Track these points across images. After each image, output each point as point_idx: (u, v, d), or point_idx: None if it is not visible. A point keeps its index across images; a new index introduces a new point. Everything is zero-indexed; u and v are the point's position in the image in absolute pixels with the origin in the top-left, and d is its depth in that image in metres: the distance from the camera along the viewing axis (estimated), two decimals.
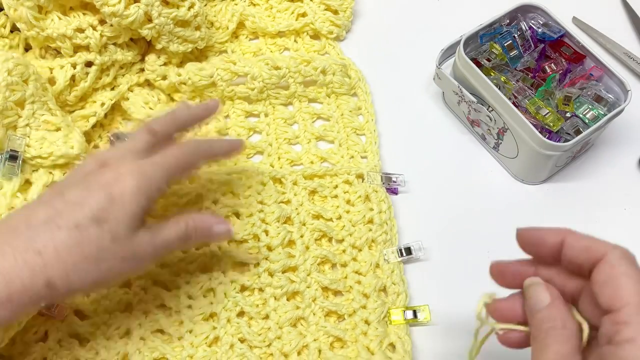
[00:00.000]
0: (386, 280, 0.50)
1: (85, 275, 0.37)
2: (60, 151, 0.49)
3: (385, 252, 0.51)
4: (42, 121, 0.49)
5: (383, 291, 0.50)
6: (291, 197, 0.53)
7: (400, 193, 0.56)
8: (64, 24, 0.53)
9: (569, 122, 0.53)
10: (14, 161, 0.47)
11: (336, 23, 0.63)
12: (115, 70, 0.57)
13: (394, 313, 0.49)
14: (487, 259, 0.53)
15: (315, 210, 0.53)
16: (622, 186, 0.56)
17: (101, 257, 0.37)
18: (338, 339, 0.48)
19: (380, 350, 0.47)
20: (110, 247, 0.37)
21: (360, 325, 0.48)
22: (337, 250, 0.52)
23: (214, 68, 0.57)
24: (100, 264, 0.37)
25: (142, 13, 0.53)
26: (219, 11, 0.62)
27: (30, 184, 0.49)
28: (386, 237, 0.52)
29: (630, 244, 0.53)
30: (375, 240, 0.52)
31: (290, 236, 0.51)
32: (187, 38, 0.57)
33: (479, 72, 0.53)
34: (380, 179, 0.55)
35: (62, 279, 0.36)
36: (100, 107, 0.56)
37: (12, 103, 0.47)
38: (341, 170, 0.55)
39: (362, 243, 0.51)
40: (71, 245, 0.36)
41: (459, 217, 0.55)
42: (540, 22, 0.57)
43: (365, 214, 0.52)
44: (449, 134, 0.59)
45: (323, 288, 0.50)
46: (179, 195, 0.52)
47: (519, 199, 0.56)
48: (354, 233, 0.52)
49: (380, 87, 0.61)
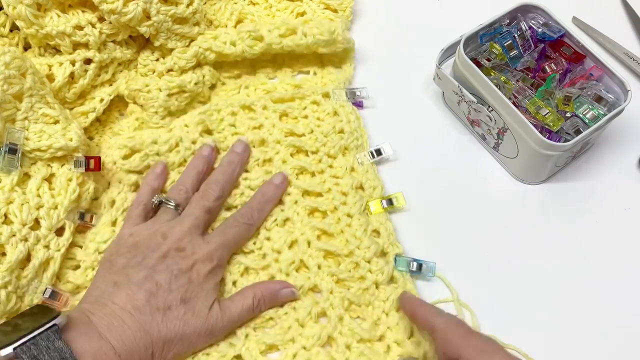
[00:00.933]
0: (362, 178, 0.55)
1: (173, 347, 0.45)
2: (59, 143, 0.49)
3: (358, 156, 0.56)
4: (41, 114, 0.49)
5: (360, 188, 0.54)
6: (263, 121, 0.57)
7: (400, 193, 0.56)
8: (63, 21, 0.53)
9: (569, 122, 0.53)
10: (14, 154, 0.47)
11: (335, 20, 0.62)
12: (114, 67, 0.58)
13: (372, 205, 0.53)
14: (487, 259, 0.54)
15: (287, 128, 0.57)
16: (622, 186, 0.56)
17: (187, 332, 0.45)
18: (324, 232, 0.52)
19: (366, 236, 0.51)
20: (193, 322, 0.45)
21: (344, 219, 0.52)
22: (313, 160, 0.56)
23: (196, 47, 0.58)
24: (184, 338, 0.45)
25: (140, 10, 0.53)
26: (218, 10, 0.62)
27: (29, 178, 0.49)
28: (357, 143, 0.56)
29: (630, 244, 0.54)
30: (348, 147, 0.56)
31: (265, 155, 0.55)
32: (185, 34, 0.58)
33: (479, 72, 0.53)
34: (345, 95, 0.59)
35: (158, 348, 0.44)
36: (99, 103, 0.56)
37: (10, 96, 0.48)
38: (308, 92, 0.58)
39: (335, 151, 0.55)
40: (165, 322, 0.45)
41: (459, 217, 0.54)
42: (540, 22, 0.57)
43: (335, 124, 0.56)
44: (449, 134, 0.59)
45: (303, 192, 0.54)
46: (159, 143, 0.54)
47: (519, 199, 0.56)
48: (327, 143, 0.56)
49: (380, 87, 0.61)
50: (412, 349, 0.46)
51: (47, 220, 0.47)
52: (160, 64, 0.58)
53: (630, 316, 0.50)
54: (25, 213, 0.46)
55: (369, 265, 0.50)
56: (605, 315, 0.50)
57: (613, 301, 0.51)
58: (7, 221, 0.46)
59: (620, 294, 0.51)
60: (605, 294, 0.51)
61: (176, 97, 0.57)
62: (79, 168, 0.50)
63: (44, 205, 0.48)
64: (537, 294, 0.51)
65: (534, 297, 0.51)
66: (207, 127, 0.56)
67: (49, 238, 0.48)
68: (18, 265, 0.46)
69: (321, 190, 0.54)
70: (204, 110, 0.57)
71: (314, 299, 0.49)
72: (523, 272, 0.52)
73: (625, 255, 0.53)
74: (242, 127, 0.57)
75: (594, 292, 0.51)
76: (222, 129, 0.57)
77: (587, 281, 0.52)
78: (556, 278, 0.52)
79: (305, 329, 0.48)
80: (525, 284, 0.52)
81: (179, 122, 0.56)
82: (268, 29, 0.57)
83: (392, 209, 0.54)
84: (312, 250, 0.51)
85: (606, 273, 0.52)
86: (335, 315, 0.48)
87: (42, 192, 0.48)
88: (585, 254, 0.53)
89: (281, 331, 0.48)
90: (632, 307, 0.50)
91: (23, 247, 0.46)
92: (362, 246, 0.51)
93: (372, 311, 0.49)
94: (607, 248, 0.53)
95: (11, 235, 0.46)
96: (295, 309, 0.49)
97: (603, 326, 0.50)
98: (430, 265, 0.51)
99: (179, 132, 0.55)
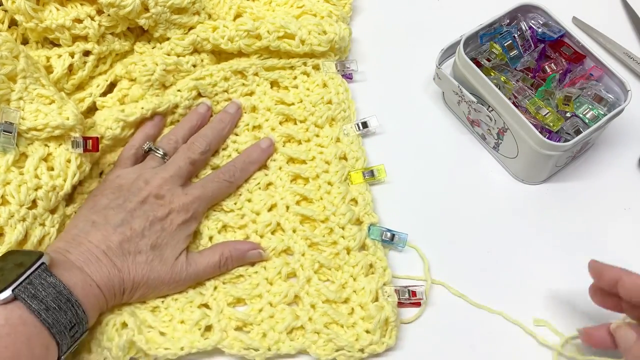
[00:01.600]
0: (346, 148, 0.56)
1: (139, 289, 0.47)
2: (55, 122, 0.48)
3: (344, 127, 0.57)
4: (36, 95, 0.49)
5: (343, 158, 0.56)
6: (254, 88, 0.59)
7: (400, 192, 0.56)
8: (62, 14, 0.53)
9: (569, 122, 0.53)
10: (10, 133, 0.47)
11: (334, 13, 0.62)
12: (112, 59, 0.58)
13: (353, 175, 0.55)
14: (487, 259, 0.54)
15: (277, 97, 0.58)
16: (622, 186, 0.56)
17: (152, 277, 0.47)
18: (304, 198, 0.54)
19: (343, 204, 0.52)
20: (158, 268, 0.47)
21: (324, 186, 0.54)
22: (301, 128, 0.57)
23: (194, 35, 0.58)
24: (149, 282, 0.47)
25: (138, 3, 0.54)
26: (217, 3, 0.62)
27: (26, 158, 0.48)
28: (345, 115, 0.58)
29: (630, 244, 0.54)
30: (335, 118, 0.57)
31: (255, 122, 0.57)
32: (184, 24, 0.58)
33: (479, 72, 0.53)
34: (335, 67, 0.60)
35: (129, 287, 0.47)
36: (95, 88, 0.57)
37: (3, 76, 0.47)
38: (299, 63, 0.59)
39: (323, 121, 0.57)
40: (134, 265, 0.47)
41: (459, 217, 0.54)
42: (540, 22, 0.57)
43: (324, 95, 0.58)
44: (449, 134, 0.59)
45: (288, 159, 0.55)
46: (153, 108, 0.55)
47: (519, 199, 0.56)
48: (315, 112, 0.57)
49: (380, 87, 0.61)
50: (375, 312, 0.47)
51: (45, 201, 0.47)
52: (157, 49, 0.58)
53: None
54: (23, 194, 0.46)
55: (343, 231, 0.51)
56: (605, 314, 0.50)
57: None
58: (4, 202, 0.46)
59: None
60: None
61: (173, 74, 0.57)
62: (77, 149, 0.49)
63: (42, 187, 0.48)
64: (537, 294, 0.51)
65: (534, 297, 0.51)
66: (200, 93, 0.57)
67: (44, 216, 0.48)
68: (17, 246, 0.46)
69: (306, 158, 0.55)
70: (195, 76, 0.57)
71: (285, 260, 0.51)
72: (523, 272, 0.52)
73: (625, 255, 0.53)
74: (234, 94, 0.58)
75: None
76: (215, 94, 0.58)
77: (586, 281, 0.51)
78: (556, 278, 0.51)
79: (273, 286, 0.50)
80: (524, 284, 0.52)
81: (171, 89, 0.57)
82: (267, 29, 0.57)
83: (372, 181, 0.55)
84: (289, 215, 0.52)
85: None
86: (304, 276, 0.50)
87: (40, 173, 0.48)
88: (585, 254, 0.53)
89: (250, 287, 0.50)
90: None
91: (22, 228, 0.46)
92: (337, 212, 0.52)
93: (340, 275, 0.50)
94: (607, 248, 0.53)
95: (10, 217, 0.46)
96: (266, 268, 0.51)
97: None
98: (402, 237, 0.52)
99: (172, 98, 0.56)
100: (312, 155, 0.56)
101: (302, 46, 0.58)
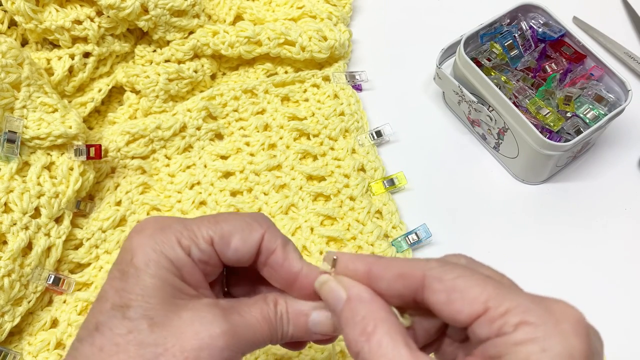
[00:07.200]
0: (363, 160, 0.56)
1: None
2: (58, 131, 0.49)
3: (358, 138, 0.57)
4: (39, 103, 0.49)
5: (362, 170, 0.56)
6: (265, 106, 0.58)
7: (401, 193, 0.56)
8: (61, 16, 0.53)
9: (570, 122, 0.53)
10: (13, 143, 0.47)
11: (334, 14, 0.62)
12: (112, 60, 0.58)
13: (374, 185, 0.54)
14: (487, 259, 0.53)
15: (289, 112, 0.58)
16: (622, 186, 0.56)
17: None
18: (328, 217, 0.53)
19: (369, 220, 0.52)
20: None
21: (347, 203, 0.53)
22: (315, 143, 0.57)
23: (194, 40, 0.58)
24: None
25: (138, 5, 0.53)
26: (217, 4, 0.62)
27: (29, 166, 0.49)
28: (358, 125, 0.57)
29: (630, 244, 0.54)
30: (348, 130, 0.57)
31: (270, 140, 0.56)
32: (184, 27, 0.57)
33: (479, 71, 0.53)
34: (345, 78, 0.60)
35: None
36: (97, 93, 0.57)
37: (7, 85, 0.48)
38: (308, 75, 0.59)
39: (337, 134, 0.57)
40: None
41: (459, 217, 0.54)
42: (541, 22, 0.57)
43: (336, 107, 0.58)
44: (449, 134, 0.59)
45: (307, 177, 0.55)
46: (163, 129, 0.55)
47: (519, 199, 0.56)
48: (328, 125, 0.57)
49: (380, 87, 0.61)
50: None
51: (47, 209, 0.48)
52: (158, 54, 0.58)
53: (629, 316, 0.50)
54: (25, 202, 0.47)
55: (372, 248, 0.51)
56: (605, 315, 0.50)
57: (613, 301, 0.50)
58: (7, 210, 0.46)
59: (620, 294, 0.51)
60: (605, 293, 0.51)
61: (176, 83, 0.57)
62: (79, 156, 0.50)
63: (45, 194, 0.48)
64: (537, 294, 0.51)
65: None
66: (210, 113, 0.57)
67: (49, 226, 0.48)
68: (20, 254, 0.46)
69: (324, 174, 0.55)
70: (206, 95, 0.57)
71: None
72: (523, 271, 0.52)
73: (625, 255, 0.53)
74: (245, 112, 0.57)
75: (594, 292, 0.51)
76: (226, 115, 0.57)
77: (587, 281, 0.52)
78: (556, 278, 0.51)
79: None
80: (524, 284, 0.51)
81: (181, 107, 0.56)
82: (268, 35, 0.58)
83: (393, 189, 0.55)
84: (314, 237, 0.52)
85: (606, 273, 0.52)
86: None
87: (43, 181, 0.48)
88: (585, 254, 0.53)
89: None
90: (631, 307, 0.50)
91: (24, 236, 0.46)
92: (365, 231, 0.52)
93: None
94: (607, 248, 0.53)
95: (12, 224, 0.46)
96: None
97: (603, 326, 0.49)
98: (424, 227, 0.52)
99: (182, 117, 0.56)
100: (330, 170, 0.55)
101: (302, 53, 0.58)
